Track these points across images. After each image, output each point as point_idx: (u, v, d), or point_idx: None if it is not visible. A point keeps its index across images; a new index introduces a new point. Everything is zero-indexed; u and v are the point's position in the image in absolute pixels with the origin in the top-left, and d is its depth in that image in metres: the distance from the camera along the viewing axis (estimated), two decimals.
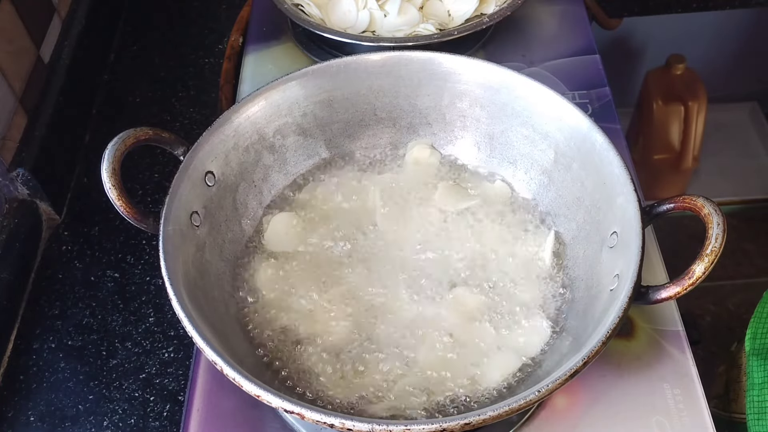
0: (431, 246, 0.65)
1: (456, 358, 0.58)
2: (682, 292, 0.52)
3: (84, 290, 0.74)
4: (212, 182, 0.62)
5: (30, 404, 0.67)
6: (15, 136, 0.77)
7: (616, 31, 1.15)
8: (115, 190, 0.56)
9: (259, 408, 0.60)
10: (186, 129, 0.88)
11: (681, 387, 0.59)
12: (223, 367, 0.48)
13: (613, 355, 0.61)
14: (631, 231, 0.55)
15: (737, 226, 1.54)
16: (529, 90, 0.65)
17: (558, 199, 0.66)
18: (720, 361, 0.80)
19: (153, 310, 0.72)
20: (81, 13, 0.91)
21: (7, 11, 0.78)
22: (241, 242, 0.65)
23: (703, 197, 0.53)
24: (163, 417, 0.65)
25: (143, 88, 0.93)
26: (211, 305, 0.57)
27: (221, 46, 0.96)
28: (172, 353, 0.69)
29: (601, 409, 0.59)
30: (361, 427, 0.46)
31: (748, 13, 1.49)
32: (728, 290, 1.51)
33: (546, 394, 0.47)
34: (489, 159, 0.70)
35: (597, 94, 0.81)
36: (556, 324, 0.60)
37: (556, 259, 0.64)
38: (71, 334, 0.71)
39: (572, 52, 0.85)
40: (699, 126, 1.45)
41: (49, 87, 0.83)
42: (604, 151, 0.60)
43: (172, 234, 0.56)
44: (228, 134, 0.63)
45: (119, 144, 0.56)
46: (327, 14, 0.83)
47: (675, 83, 1.43)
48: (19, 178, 0.75)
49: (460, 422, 0.45)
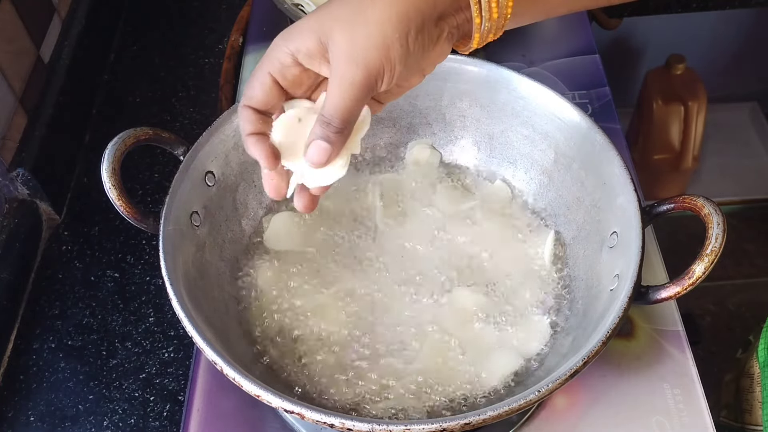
0: (431, 246, 0.65)
1: (456, 358, 0.58)
2: (682, 292, 0.52)
3: (84, 290, 0.74)
4: (212, 182, 0.62)
5: (30, 404, 0.67)
6: (15, 136, 0.77)
7: (616, 31, 1.15)
8: (115, 190, 0.56)
9: (259, 408, 0.60)
10: (186, 129, 0.88)
11: (681, 387, 0.59)
12: (223, 367, 0.48)
13: (613, 355, 0.61)
14: (631, 231, 0.55)
15: (737, 226, 1.54)
16: (529, 90, 0.65)
17: (558, 199, 0.66)
18: (722, 364, 0.80)
19: (153, 310, 0.72)
20: (81, 13, 0.91)
21: (7, 11, 0.78)
22: (241, 242, 0.65)
23: (703, 197, 0.53)
24: (163, 417, 0.65)
25: (143, 88, 0.93)
26: (211, 305, 0.57)
27: (221, 46, 0.96)
28: (172, 353, 0.69)
29: (601, 409, 0.59)
30: (361, 427, 0.46)
31: (748, 13, 1.49)
32: (728, 290, 1.51)
33: (546, 394, 0.47)
34: (489, 159, 0.70)
35: (597, 94, 0.81)
36: (556, 324, 0.60)
37: (556, 259, 0.64)
38: (71, 334, 0.71)
39: (572, 52, 0.85)
40: (699, 126, 1.45)
41: (49, 87, 0.83)
42: (604, 151, 0.60)
43: (172, 234, 0.56)
44: (228, 134, 0.63)
45: (119, 144, 0.56)
46: None
47: (675, 83, 1.43)
48: (19, 178, 0.75)
49: (460, 422, 0.45)
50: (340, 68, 0.44)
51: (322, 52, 0.45)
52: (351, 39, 0.43)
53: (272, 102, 0.47)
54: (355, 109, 0.45)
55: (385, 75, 0.44)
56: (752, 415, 0.67)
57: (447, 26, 0.45)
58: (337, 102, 0.45)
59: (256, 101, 0.47)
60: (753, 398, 0.67)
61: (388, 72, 0.44)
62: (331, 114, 0.45)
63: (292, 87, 0.48)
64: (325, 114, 0.45)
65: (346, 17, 0.44)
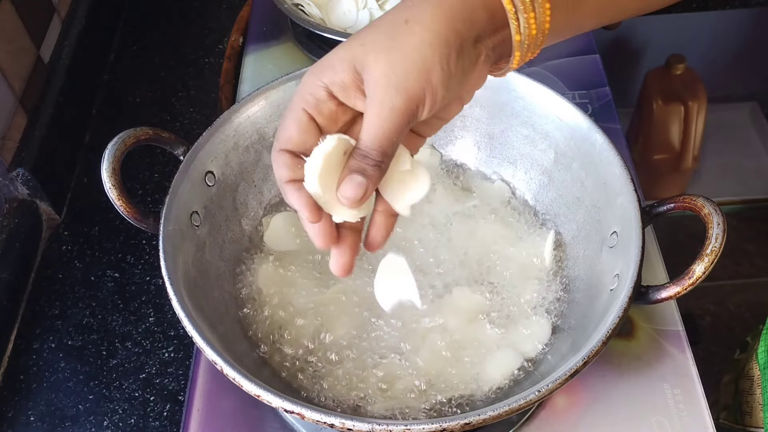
0: (431, 246, 0.65)
1: (456, 357, 0.58)
2: (682, 292, 0.52)
3: (84, 290, 0.74)
4: (212, 182, 0.62)
5: (30, 404, 0.67)
6: (15, 136, 0.77)
7: (616, 31, 1.15)
8: (115, 190, 0.56)
9: (259, 408, 0.60)
10: (186, 129, 0.88)
11: (681, 387, 0.59)
12: (223, 367, 0.48)
13: (613, 355, 0.61)
14: (631, 231, 0.55)
15: (737, 226, 1.54)
16: (529, 90, 0.65)
17: (558, 199, 0.65)
18: (722, 364, 0.80)
19: (153, 310, 0.72)
20: (81, 13, 0.91)
21: (7, 11, 0.78)
22: (241, 242, 0.65)
23: (703, 197, 0.53)
24: (163, 417, 0.65)
25: (143, 88, 0.93)
26: (211, 305, 0.57)
27: (221, 46, 0.96)
28: (172, 353, 0.69)
29: (601, 409, 0.59)
30: (361, 427, 0.46)
31: (748, 13, 1.49)
32: (728, 290, 1.51)
33: (546, 394, 0.47)
34: (489, 159, 0.70)
35: (597, 94, 0.81)
36: (556, 324, 0.60)
37: (556, 259, 0.64)
38: (71, 334, 0.71)
39: (572, 52, 0.85)
40: (699, 126, 1.45)
41: (49, 87, 0.83)
42: (604, 151, 0.60)
43: (172, 234, 0.56)
44: (228, 134, 0.63)
45: (119, 144, 0.56)
46: (327, 14, 0.83)
47: (675, 83, 1.43)
48: (19, 178, 0.75)
49: (460, 422, 0.45)
50: (377, 95, 0.41)
51: (357, 83, 0.42)
52: (388, 64, 0.41)
53: (310, 142, 0.44)
54: (395, 138, 0.42)
55: (426, 101, 0.42)
56: (753, 417, 0.67)
57: (484, 49, 0.43)
58: (376, 131, 0.41)
59: (293, 143, 0.43)
60: (753, 400, 0.67)
61: (430, 97, 0.42)
62: (369, 145, 0.42)
63: (327, 124, 0.44)
64: (362, 145, 0.42)
65: (381, 43, 0.41)
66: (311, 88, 0.43)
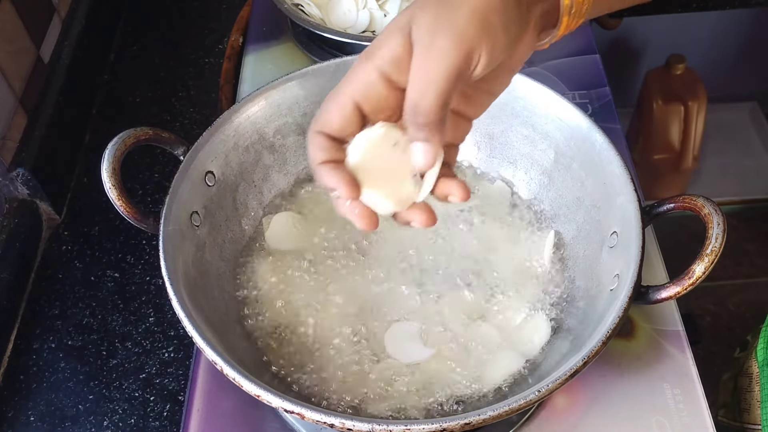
0: (431, 246, 0.65)
1: (456, 357, 0.58)
2: (682, 292, 0.52)
3: (84, 290, 0.74)
4: (212, 182, 0.62)
5: (30, 404, 0.67)
6: (15, 136, 0.77)
7: (616, 31, 1.15)
8: (115, 190, 0.56)
9: (259, 408, 0.60)
10: (186, 129, 0.88)
11: (681, 387, 0.59)
12: (223, 367, 0.48)
13: (613, 355, 0.61)
14: (631, 231, 0.55)
15: (737, 226, 1.54)
16: (529, 90, 0.65)
17: (558, 199, 0.65)
18: (722, 364, 0.80)
19: (153, 310, 0.72)
20: (81, 13, 0.91)
21: (7, 11, 0.78)
22: (241, 242, 0.65)
23: (703, 197, 0.53)
24: (163, 417, 0.65)
25: (143, 88, 0.93)
26: (211, 305, 0.57)
27: (221, 46, 0.96)
28: (172, 353, 0.69)
29: (601, 409, 0.59)
30: (361, 427, 0.46)
31: (748, 13, 1.49)
32: (728, 290, 1.51)
33: (546, 394, 0.47)
34: (489, 159, 0.70)
35: (597, 94, 0.81)
36: (556, 324, 0.60)
37: (556, 259, 0.64)
38: (71, 334, 0.71)
39: (572, 52, 0.85)
40: (699, 126, 1.45)
41: (49, 87, 0.83)
42: (604, 150, 0.60)
43: (172, 234, 0.56)
44: (228, 134, 0.63)
45: (119, 144, 0.56)
46: (327, 14, 0.83)
47: (675, 83, 1.44)
48: (19, 178, 0.75)
49: (460, 422, 0.45)
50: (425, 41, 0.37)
51: (409, 51, 0.38)
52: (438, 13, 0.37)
53: (349, 129, 0.42)
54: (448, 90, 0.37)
55: (484, 46, 0.37)
56: (751, 414, 0.67)
57: (533, 16, 0.41)
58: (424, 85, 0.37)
59: (331, 127, 0.42)
60: (752, 397, 0.67)
61: (488, 42, 0.37)
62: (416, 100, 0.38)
63: (374, 111, 0.42)
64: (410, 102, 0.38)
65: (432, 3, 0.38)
66: (360, 73, 0.41)
